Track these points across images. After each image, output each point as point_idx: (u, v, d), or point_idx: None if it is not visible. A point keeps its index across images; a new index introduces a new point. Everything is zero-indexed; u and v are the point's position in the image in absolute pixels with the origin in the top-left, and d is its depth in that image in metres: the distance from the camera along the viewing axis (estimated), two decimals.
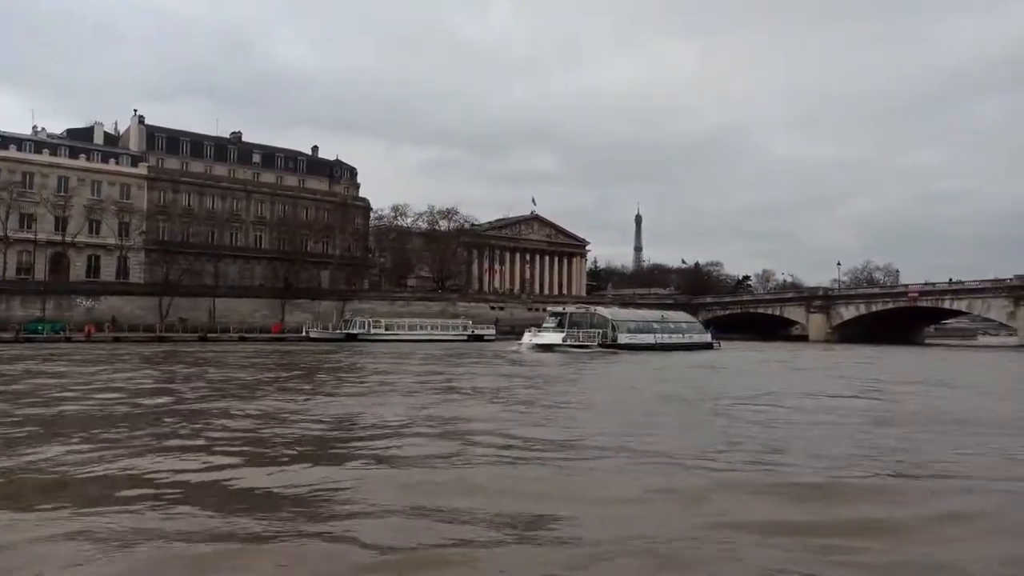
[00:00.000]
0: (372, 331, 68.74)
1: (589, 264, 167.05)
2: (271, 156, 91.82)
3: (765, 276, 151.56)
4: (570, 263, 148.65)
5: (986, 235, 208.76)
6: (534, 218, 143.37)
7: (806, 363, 38.85)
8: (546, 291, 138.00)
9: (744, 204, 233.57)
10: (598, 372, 29.48)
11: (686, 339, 56.76)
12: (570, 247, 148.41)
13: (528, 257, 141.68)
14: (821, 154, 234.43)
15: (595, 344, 48.94)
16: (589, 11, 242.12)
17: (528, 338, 51.74)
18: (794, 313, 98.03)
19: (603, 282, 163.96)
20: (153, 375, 24.98)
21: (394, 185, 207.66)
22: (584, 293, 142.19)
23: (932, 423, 14.29)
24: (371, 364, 33.61)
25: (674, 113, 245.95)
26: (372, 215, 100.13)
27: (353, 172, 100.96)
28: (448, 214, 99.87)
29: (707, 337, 61.60)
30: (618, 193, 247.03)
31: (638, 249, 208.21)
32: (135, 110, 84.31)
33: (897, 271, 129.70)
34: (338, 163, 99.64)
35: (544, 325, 53.66)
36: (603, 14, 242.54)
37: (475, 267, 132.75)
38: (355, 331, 68.08)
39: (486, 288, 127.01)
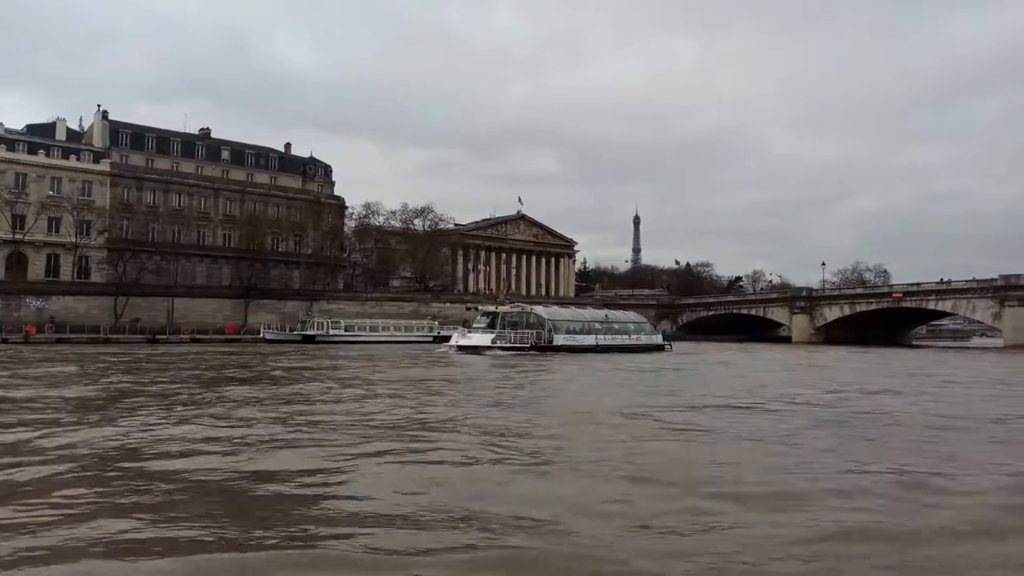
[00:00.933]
0: (331, 332, 66.58)
1: (579, 265, 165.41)
2: (240, 153, 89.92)
3: (755, 277, 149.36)
4: (557, 263, 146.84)
5: (987, 234, 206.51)
6: (520, 218, 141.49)
7: (759, 366, 36.71)
8: (532, 292, 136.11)
9: (745, 204, 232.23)
10: (516, 378, 27.27)
11: (632, 340, 53.57)
12: (557, 247, 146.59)
13: (515, 257, 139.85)
14: (822, 153, 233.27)
15: (528, 346, 46.00)
16: (589, 10, 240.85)
17: (456, 339, 48.39)
18: (778, 314, 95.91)
19: (593, 283, 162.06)
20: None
21: (393, 185, 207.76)
22: (572, 294, 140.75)
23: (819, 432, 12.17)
24: (300, 368, 31.51)
25: (674, 113, 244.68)
26: (347, 213, 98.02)
27: (328, 170, 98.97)
28: (422, 212, 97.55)
29: (657, 338, 58.57)
30: (618, 194, 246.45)
31: (636, 250, 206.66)
32: (99, 105, 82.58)
33: (886, 271, 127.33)
34: (312, 160, 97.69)
35: (474, 325, 50.23)
36: (603, 13, 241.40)
37: (459, 267, 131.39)
38: (312, 332, 65.87)
39: (471, 289, 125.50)
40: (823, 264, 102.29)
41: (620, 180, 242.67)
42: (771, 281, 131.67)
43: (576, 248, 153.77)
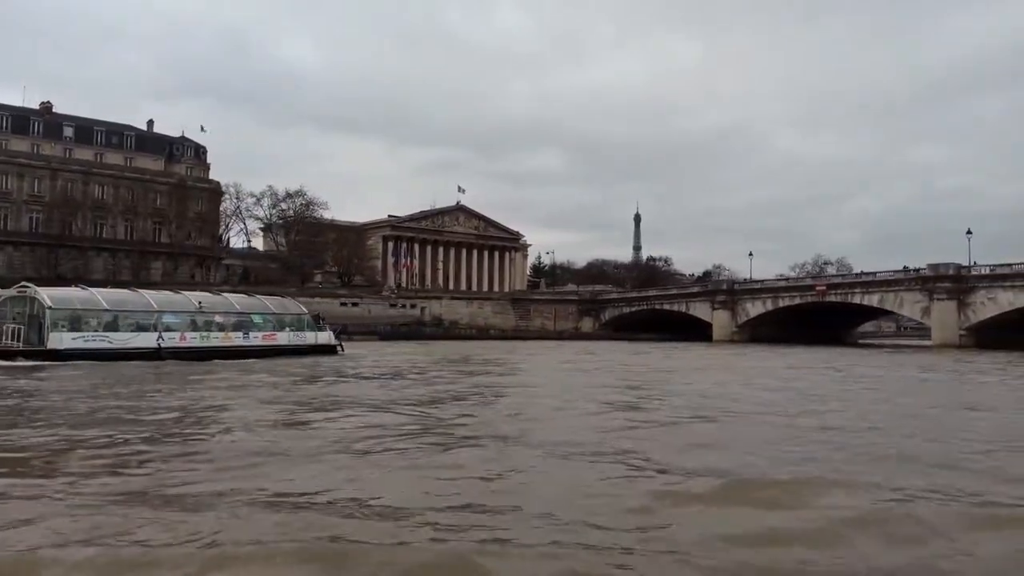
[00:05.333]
0: None
1: (533, 259, 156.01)
2: (88, 130, 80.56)
3: (716, 271, 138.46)
4: (502, 257, 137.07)
5: (992, 232, 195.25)
6: (459, 209, 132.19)
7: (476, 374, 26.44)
8: (474, 287, 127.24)
9: (747, 202, 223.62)
10: None
11: (260, 342, 36.29)
12: (502, 240, 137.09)
13: (453, 251, 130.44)
14: (824, 152, 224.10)
15: None
16: (589, 9, 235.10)
17: None
18: (700, 310, 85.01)
19: (549, 279, 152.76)
20: None
21: (396, 184, 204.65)
22: (525, 288, 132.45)
23: None
24: None
25: (676, 111, 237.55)
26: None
27: (200, 151, 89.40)
28: (293, 196, 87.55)
29: (316, 337, 39.71)
30: (622, 192, 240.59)
31: (637, 248, 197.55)
32: None
33: (850, 266, 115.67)
34: (182, 140, 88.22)
35: None
36: (603, 12, 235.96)
37: (390, 261, 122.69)
38: None
39: (403, 284, 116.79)
40: (750, 255, 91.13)
41: (623, 178, 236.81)
42: (718, 276, 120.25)
43: (524, 241, 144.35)
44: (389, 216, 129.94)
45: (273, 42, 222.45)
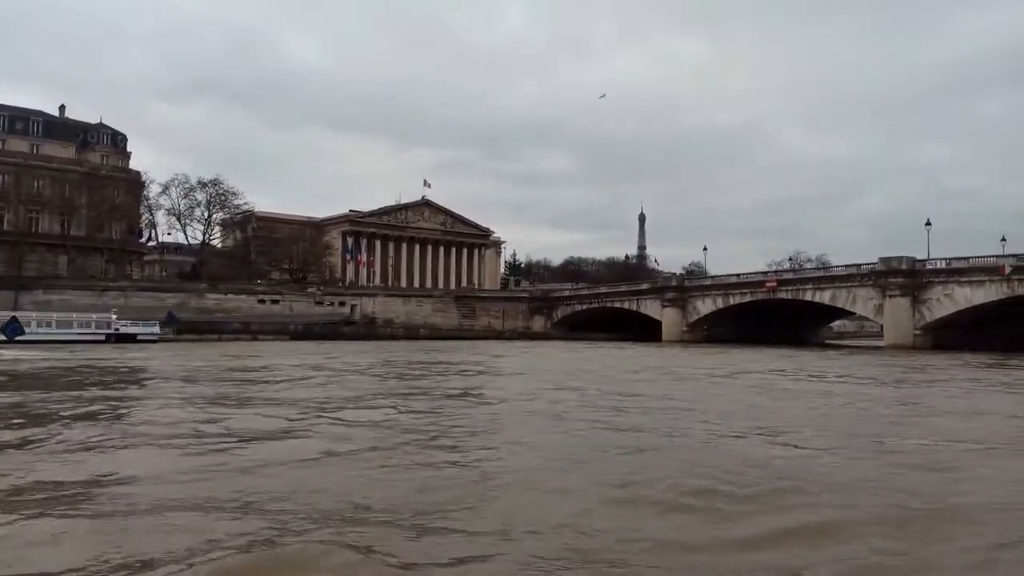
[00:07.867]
0: None
1: (508, 257, 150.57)
2: None
3: (691, 269, 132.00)
4: (471, 254, 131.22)
5: (1000, 231, 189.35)
6: (425, 204, 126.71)
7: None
8: (440, 284, 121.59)
9: (753, 201, 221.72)
10: None
11: None
12: (471, 237, 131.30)
13: (418, 248, 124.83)
14: (830, 151, 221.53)
15: None
16: (595, 9, 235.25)
17: None
18: (651, 308, 78.70)
19: (524, 276, 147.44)
20: None
21: (401, 183, 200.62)
22: (497, 286, 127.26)
23: None
24: None
25: (682, 110, 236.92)
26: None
27: (118, 138, 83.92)
28: (206, 185, 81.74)
29: None
30: (629, 192, 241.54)
31: (642, 247, 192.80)
32: None
33: (828, 262, 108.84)
34: (99, 127, 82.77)
35: None
36: (609, 12, 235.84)
37: (348, 257, 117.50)
38: None
39: (363, 281, 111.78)
40: (704, 249, 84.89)
41: (629, 178, 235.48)
42: (688, 271, 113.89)
43: (495, 238, 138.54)
44: (350, 211, 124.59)
45: (277, 42, 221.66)
